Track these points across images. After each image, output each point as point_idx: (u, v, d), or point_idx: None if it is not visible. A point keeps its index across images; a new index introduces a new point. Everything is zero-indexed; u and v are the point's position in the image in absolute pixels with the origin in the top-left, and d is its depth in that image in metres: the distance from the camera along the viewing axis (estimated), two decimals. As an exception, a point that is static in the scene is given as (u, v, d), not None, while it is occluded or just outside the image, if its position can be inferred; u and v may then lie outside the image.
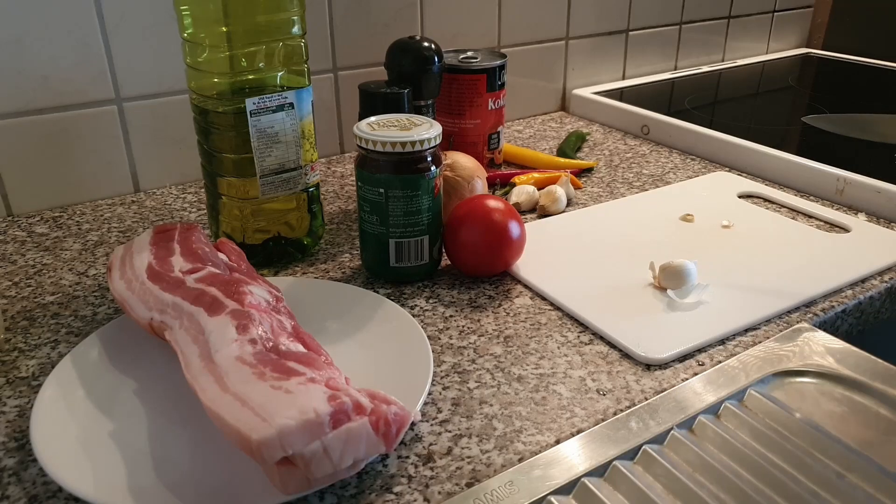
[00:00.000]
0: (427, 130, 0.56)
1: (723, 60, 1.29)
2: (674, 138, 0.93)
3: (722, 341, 0.52)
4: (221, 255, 0.54)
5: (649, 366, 0.50)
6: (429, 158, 0.56)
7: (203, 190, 0.80)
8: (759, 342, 0.52)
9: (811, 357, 0.51)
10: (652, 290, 0.58)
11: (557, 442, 0.43)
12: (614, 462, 0.42)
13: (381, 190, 0.56)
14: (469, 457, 0.42)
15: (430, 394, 0.47)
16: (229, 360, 0.40)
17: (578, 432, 0.44)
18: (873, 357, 0.50)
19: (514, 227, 0.59)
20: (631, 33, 1.13)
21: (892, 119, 0.96)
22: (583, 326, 0.55)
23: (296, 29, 0.58)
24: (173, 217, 0.74)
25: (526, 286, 0.60)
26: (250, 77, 0.57)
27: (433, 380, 0.48)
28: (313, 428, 0.35)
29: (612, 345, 0.52)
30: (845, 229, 0.69)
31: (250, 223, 0.61)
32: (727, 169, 0.85)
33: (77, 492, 0.37)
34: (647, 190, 0.80)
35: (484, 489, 0.39)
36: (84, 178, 0.76)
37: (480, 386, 0.48)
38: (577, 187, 0.80)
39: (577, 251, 0.65)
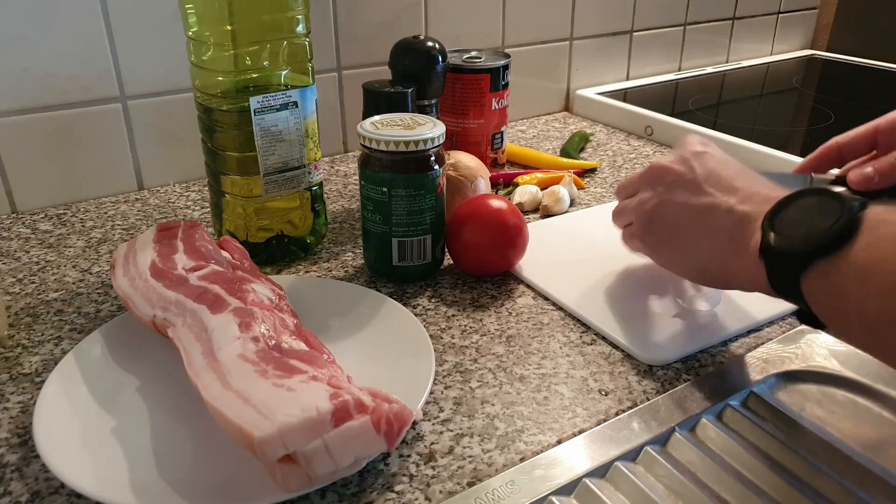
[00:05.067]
0: (430, 130, 0.56)
1: (727, 62, 1.29)
2: (677, 139, 0.93)
3: (724, 342, 0.52)
4: (224, 253, 0.54)
5: (651, 366, 0.50)
6: (432, 158, 0.56)
7: (207, 188, 0.80)
8: (762, 344, 0.52)
9: (814, 359, 0.51)
10: (654, 290, 0.58)
11: (559, 442, 0.43)
12: (616, 462, 0.42)
13: (385, 189, 0.56)
14: (470, 456, 0.42)
15: (431, 393, 0.47)
16: (232, 358, 0.40)
17: (580, 432, 0.44)
18: (876, 359, 0.50)
19: (516, 227, 0.59)
20: (635, 34, 1.13)
21: None
22: (585, 327, 0.54)
23: (300, 28, 0.58)
24: (177, 215, 0.74)
25: (528, 286, 0.60)
26: (254, 75, 0.57)
27: (435, 379, 0.48)
28: (315, 426, 0.35)
29: (614, 345, 0.52)
30: (849, 231, 0.69)
31: (253, 221, 0.61)
32: (731, 170, 0.85)
33: (79, 488, 0.37)
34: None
35: (485, 488, 0.39)
36: (88, 175, 0.76)
37: (482, 385, 0.48)
38: (580, 188, 0.80)
39: (579, 251, 0.65)
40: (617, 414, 0.45)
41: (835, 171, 0.56)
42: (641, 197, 0.53)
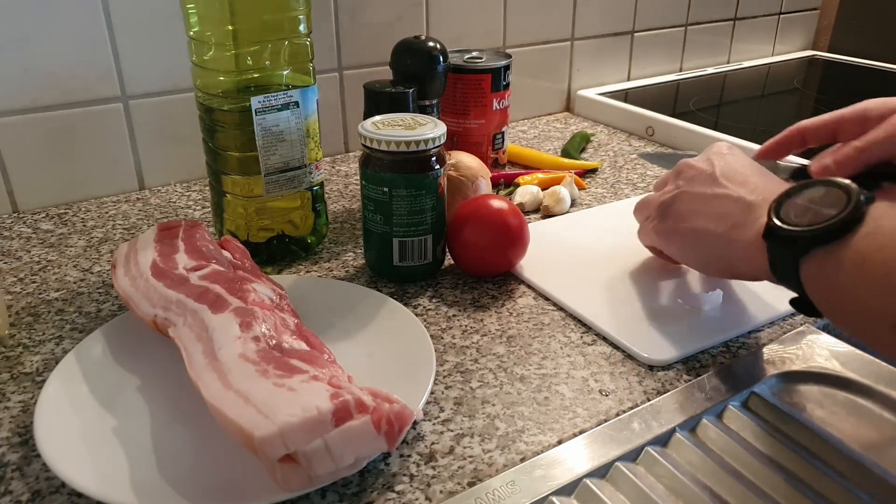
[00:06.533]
0: (431, 130, 0.56)
1: (728, 62, 1.29)
2: (678, 140, 0.93)
3: (725, 343, 0.52)
4: (225, 253, 0.54)
5: (652, 367, 0.50)
6: (433, 158, 0.56)
7: (208, 188, 0.80)
8: (763, 344, 0.52)
9: (815, 360, 0.51)
10: (655, 291, 0.58)
11: (559, 442, 0.43)
12: (616, 463, 0.42)
13: (386, 189, 0.56)
14: (471, 456, 0.42)
15: (432, 393, 0.47)
16: (232, 358, 0.40)
17: (580, 433, 0.44)
18: (878, 360, 0.50)
19: (517, 227, 0.59)
20: (636, 34, 1.13)
21: None
22: (586, 327, 0.54)
23: (302, 28, 0.58)
24: (178, 215, 0.74)
25: (529, 286, 0.60)
26: (256, 75, 0.57)
27: (436, 379, 0.48)
28: (315, 425, 0.35)
29: (614, 346, 0.52)
30: (850, 232, 0.69)
31: (254, 221, 0.61)
32: (732, 171, 0.85)
33: (80, 487, 0.37)
34: (651, 191, 0.79)
35: (485, 488, 0.39)
36: (89, 175, 0.76)
37: (483, 385, 0.48)
38: (581, 188, 0.80)
39: (580, 252, 0.65)
40: (617, 414, 0.45)
41: (794, 159, 0.59)
42: (665, 189, 0.55)
